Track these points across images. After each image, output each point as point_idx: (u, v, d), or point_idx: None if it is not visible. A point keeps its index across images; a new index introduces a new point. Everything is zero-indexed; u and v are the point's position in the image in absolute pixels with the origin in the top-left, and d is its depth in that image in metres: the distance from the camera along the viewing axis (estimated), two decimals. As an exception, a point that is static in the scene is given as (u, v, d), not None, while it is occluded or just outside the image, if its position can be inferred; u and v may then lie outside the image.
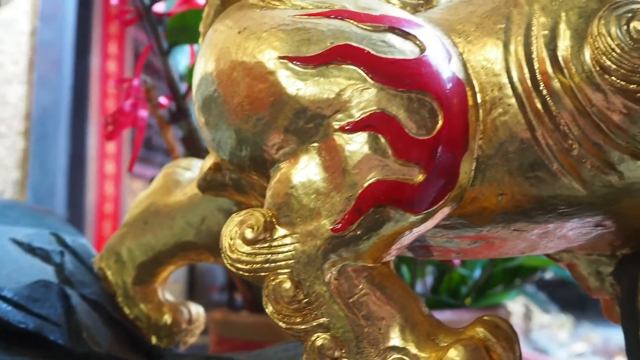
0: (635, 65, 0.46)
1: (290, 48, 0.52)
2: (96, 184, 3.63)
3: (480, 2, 0.55)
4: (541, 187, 0.51)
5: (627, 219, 0.53)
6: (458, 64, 0.52)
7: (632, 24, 0.46)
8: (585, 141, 0.48)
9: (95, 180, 3.63)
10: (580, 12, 0.49)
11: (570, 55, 0.48)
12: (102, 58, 3.66)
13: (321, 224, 0.49)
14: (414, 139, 0.48)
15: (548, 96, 0.49)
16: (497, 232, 0.55)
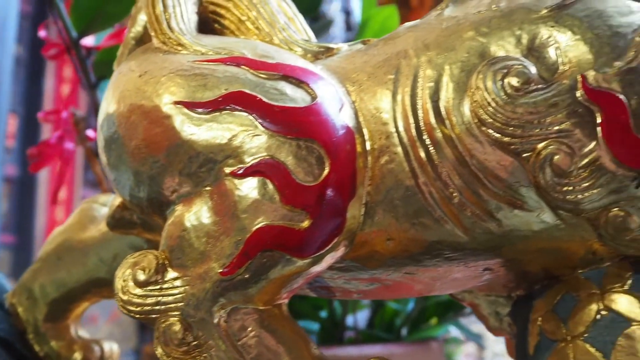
0: (508, 118, 0.48)
1: (186, 93, 0.53)
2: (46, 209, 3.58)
3: (375, 53, 0.57)
4: (426, 233, 0.52)
5: (513, 263, 0.55)
6: (349, 112, 0.53)
7: (506, 79, 0.49)
8: (465, 190, 0.50)
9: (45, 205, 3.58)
10: (462, 66, 0.51)
11: (451, 107, 0.50)
12: (57, 81, 3.64)
13: (211, 267, 0.50)
14: (301, 185, 0.50)
15: (431, 146, 0.51)
16: (389, 275, 0.57)
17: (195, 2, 0.64)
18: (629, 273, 0.53)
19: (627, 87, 0.47)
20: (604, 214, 0.49)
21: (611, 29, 0.49)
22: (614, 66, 0.48)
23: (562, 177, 0.48)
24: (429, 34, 0.55)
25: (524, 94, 0.48)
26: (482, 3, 0.55)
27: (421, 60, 0.53)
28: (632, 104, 0.47)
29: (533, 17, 0.51)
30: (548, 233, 0.51)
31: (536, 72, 0.49)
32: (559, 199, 0.48)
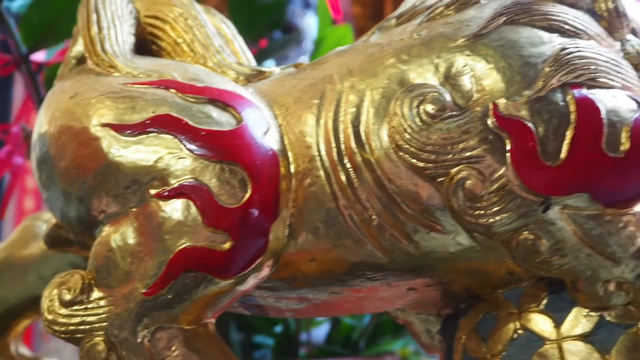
0: (423, 144, 0.50)
1: (114, 116, 0.54)
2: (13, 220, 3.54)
3: (303, 77, 0.58)
4: (348, 254, 0.54)
5: (435, 284, 0.57)
6: (275, 136, 0.55)
7: (422, 106, 0.51)
8: (383, 213, 0.52)
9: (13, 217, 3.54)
10: (383, 92, 0.53)
11: (371, 132, 0.52)
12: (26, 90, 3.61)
13: (135, 288, 0.51)
14: (223, 208, 0.51)
15: (351, 170, 0.52)
16: (316, 294, 0.58)
17: (133, 23, 0.65)
18: (545, 293, 0.55)
19: (536, 115, 0.49)
20: (515, 237, 0.50)
21: (522, 59, 0.51)
22: (524, 95, 0.49)
23: (474, 201, 0.49)
24: (353, 60, 0.56)
25: (438, 121, 0.50)
26: (405, 31, 0.57)
27: (344, 85, 0.54)
28: (540, 132, 0.48)
29: (450, 46, 0.53)
30: (465, 255, 0.53)
31: (451, 100, 0.51)
32: (471, 222, 0.50)
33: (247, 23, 1.68)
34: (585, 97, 0.49)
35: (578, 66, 0.50)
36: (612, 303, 0.51)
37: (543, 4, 0.54)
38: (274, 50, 1.70)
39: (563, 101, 0.49)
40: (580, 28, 0.53)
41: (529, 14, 0.53)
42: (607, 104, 0.49)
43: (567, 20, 0.52)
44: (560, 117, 0.48)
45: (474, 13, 0.55)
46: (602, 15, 0.55)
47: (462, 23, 0.54)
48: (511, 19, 0.53)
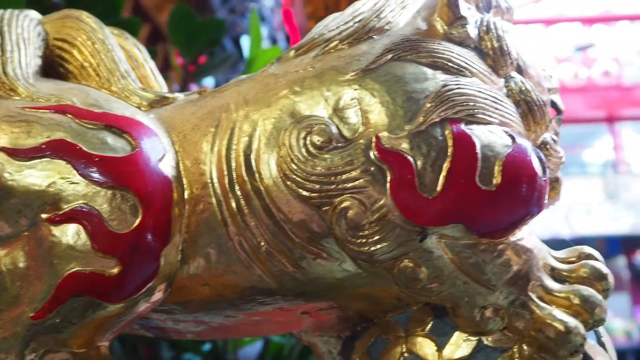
0: (308, 174, 0.52)
1: (9, 140, 0.54)
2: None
3: (203, 104, 0.60)
4: (238, 280, 0.55)
5: (328, 308, 0.59)
6: (171, 162, 0.56)
7: (309, 137, 0.52)
8: (272, 240, 0.53)
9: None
10: (275, 122, 0.55)
11: (261, 161, 0.54)
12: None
13: (23, 311, 0.51)
14: (113, 233, 0.52)
15: (241, 197, 0.54)
16: (211, 317, 0.59)
17: (40, 45, 0.65)
18: (430, 317, 0.57)
19: (415, 149, 0.51)
20: (396, 265, 0.52)
21: (406, 94, 0.53)
22: (405, 129, 0.52)
23: (356, 230, 0.51)
24: (250, 89, 0.58)
25: (324, 152, 0.52)
26: (302, 63, 0.59)
27: (239, 114, 0.56)
28: (419, 165, 0.51)
29: (340, 80, 0.55)
30: (352, 281, 0.55)
31: (337, 132, 0.53)
32: (354, 250, 0.52)
33: (187, 40, 1.69)
34: (462, 132, 0.51)
35: (457, 102, 0.52)
36: (489, 328, 0.53)
37: (430, 42, 0.56)
38: (213, 68, 1.71)
39: (441, 136, 0.51)
40: (464, 65, 0.55)
41: (415, 51, 0.55)
42: (483, 139, 0.52)
43: (451, 58, 0.55)
44: (438, 150, 0.51)
45: (366, 48, 0.57)
46: (488, 53, 0.58)
47: (354, 57, 0.57)
48: (398, 56, 0.55)
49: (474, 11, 0.61)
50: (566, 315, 0.52)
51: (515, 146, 0.52)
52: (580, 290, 0.53)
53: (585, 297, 0.53)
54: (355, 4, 0.64)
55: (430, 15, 0.59)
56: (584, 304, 0.53)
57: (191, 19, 1.71)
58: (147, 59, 0.71)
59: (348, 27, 0.60)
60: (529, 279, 0.53)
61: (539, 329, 0.52)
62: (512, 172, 0.51)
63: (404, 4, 0.62)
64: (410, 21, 0.60)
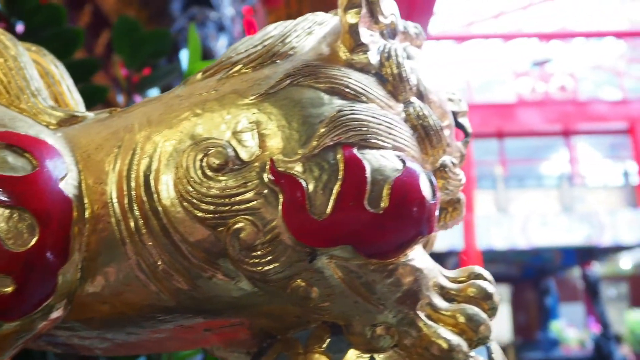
0: (203, 195, 0.53)
1: None
2: None
3: (109, 124, 0.61)
4: (137, 298, 0.56)
5: (229, 325, 0.60)
6: (72, 181, 0.57)
7: (206, 159, 0.54)
8: (169, 259, 0.54)
9: None
10: (175, 144, 0.56)
11: (160, 182, 0.55)
12: None
13: None
14: (7, 252, 0.52)
15: (140, 217, 0.55)
16: (114, 335, 0.60)
17: (-48, 63, 0.66)
18: (328, 335, 0.59)
19: (307, 172, 0.53)
20: (289, 284, 0.54)
21: (302, 119, 0.55)
22: (299, 153, 0.53)
23: (249, 250, 0.53)
24: (154, 110, 0.59)
25: (220, 174, 0.54)
26: (207, 85, 0.60)
27: (142, 135, 0.57)
28: (310, 188, 0.52)
29: (240, 103, 0.57)
30: (249, 299, 0.56)
31: (234, 154, 0.54)
32: (248, 270, 0.53)
33: (131, 51, 1.69)
34: (353, 156, 0.53)
35: (351, 127, 0.54)
36: (380, 345, 0.55)
37: (330, 68, 0.58)
38: (157, 79, 1.71)
39: (333, 159, 0.53)
40: (360, 92, 0.57)
41: (314, 77, 0.57)
42: (373, 163, 0.54)
43: (348, 84, 0.57)
44: (330, 174, 0.53)
45: (268, 72, 0.59)
46: (388, 79, 0.60)
47: (255, 82, 0.58)
48: (297, 81, 0.57)
49: (378, 38, 0.63)
50: (450, 334, 0.54)
51: (405, 170, 0.54)
52: (466, 309, 0.55)
53: (470, 315, 0.55)
54: (267, 28, 0.66)
55: (334, 41, 0.61)
56: (469, 323, 0.55)
57: (136, 30, 1.72)
58: (64, 76, 0.72)
59: (254, 51, 0.62)
60: (418, 298, 0.55)
61: (425, 347, 0.54)
62: (400, 195, 0.53)
63: (311, 29, 0.64)
64: (314, 46, 0.62)
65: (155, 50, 1.75)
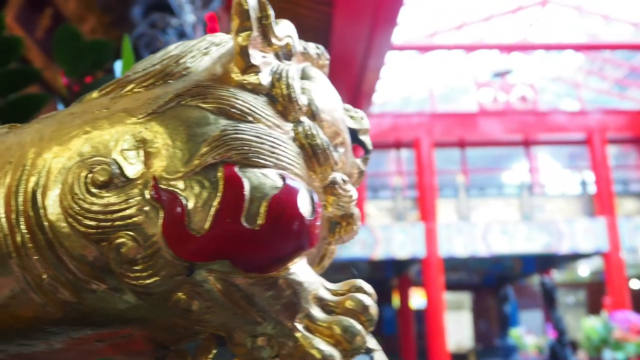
0: (86, 211, 0.55)
1: None
2: None
3: (4, 140, 0.62)
4: (24, 310, 0.57)
5: (119, 336, 0.62)
6: None
7: (91, 175, 0.56)
8: (54, 273, 0.56)
9: None
10: (64, 161, 0.58)
11: (47, 198, 0.56)
12: None
13: None
14: None
15: (26, 232, 0.56)
16: (6, 347, 0.61)
17: None
18: (214, 345, 0.61)
19: (189, 190, 0.55)
20: (171, 297, 0.56)
21: (187, 137, 0.57)
22: (181, 170, 0.56)
23: (130, 264, 0.55)
24: (48, 127, 0.61)
25: (104, 191, 0.55)
26: (100, 103, 0.62)
27: (33, 151, 0.59)
28: (190, 204, 0.55)
29: (128, 122, 0.58)
30: (134, 311, 0.58)
31: (119, 171, 0.56)
32: (130, 283, 0.55)
33: (71, 60, 1.69)
34: (233, 174, 0.56)
35: (233, 147, 0.57)
36: (261, 356, 0.57)
37: (219, 89, 0.61)
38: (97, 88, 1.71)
39: (214, 177, 0.55)
40: (247, 111, 0.60)
41: (202, 97, 0.60)
42: (253, 181, 0.56)
43: (234, 104, 0.60)
44: (210, 191, 0.55)
45: (159, 92, 0.61)
46: (278, 100, 0.63)
47: (146, 101, 0.60)
48: (185, 101, 0.59)
49: (272, 59, 0.66)
50: (324, 344, 0.57)
51: (284, 188, 0.57)
52: (342, 320, 0.58)
53: (346, 327, 0.58)
54: (168, 48, 0.68)
55: (228, 62, 0.64)
56: (344, 334, 0.57)
57: (76, 40, 1.72)
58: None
59: (150, 71, 0.64)
60: (297, 310, 0.58)
61: (301, 357, 0.56)
62: (276, 213, 0.56)
63: (207, 50, 0.66)
64: (208, 67, 0.64)
65: (96, 59, 1.76)
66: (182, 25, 3.90)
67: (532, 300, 16.51)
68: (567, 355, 7.85)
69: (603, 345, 8.91)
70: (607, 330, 8.83)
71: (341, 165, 0.69)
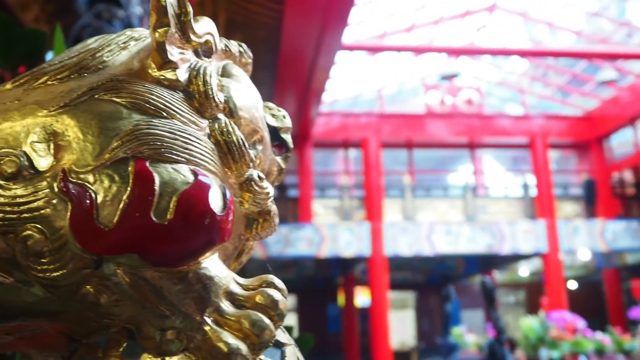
0: None
1: None
2: None
3: None
4: None
5: (29, 329, 0.61)
6: None
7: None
8: None
9: None
10: None
11: None
12: None
13: None
14: None
15: None
16: None
17: None
18: (125, 339, 0.61)
19: (98, 183, 0.55)
20: (79, 290, 0.56)
21: (98, 131, 0.57)
22: (92, 164, 0.56)
23: (37, 257, 0.55)
24: None
25: (11, 182, 0.55)
26: (13, 95, 0.62)
27: None
28: (99, 198, 0.55)
29: (39, 114, 0.58)
30: (43, 304, 0.58)
31: (28, 164, 0.56)
32: (37, 276, 0.55)
33: (3, 50, 1.65)
34: (144, 169, 0.56)
35: (145, 142, 0.57)
36: (169, 349, 0.58)
37: (134, 84, 0.61)
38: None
39: (125, 172, 0.56)
40: (161, 107, 0.60)
41: (116, 91, 0.60)
42: (164, 177, 0.57)
43: (149, 100, 0.60)
44: (119, 185, 0.55)
45: (73, 85, 0.61)
46: (195, 96, 0.64)
47: (59, 94, 0.60)
48: (99, 95, 0.59)
49: (191, 56, 0.66)
50: (232, 338, 0.58)
51: (195, 184, 0.57)
52: (250, 315, 0.59)
53: (254, 321, 0.59)
54: (87, 41, 0.68)
55: (145, 57, 0.64)
56: (252, 328, 0.58)
57: (9, 28, 1.68)
58: None
59: (66, 64, 0.64)
60: (207, 305, 0.59)
61: (209, 350, 0.57)
62: (185, 208, 0.56)
63: (126, 44, 0.67)
64: (126, 61, 0.64)
65: (30, 49, 1.72)
66: (128, 17, 3.83)
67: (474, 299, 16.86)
68: (504, 353, 8.05)
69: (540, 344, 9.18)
70: (544, 329, 9.11)
71: (259, 162, 0.70)
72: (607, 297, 15.67)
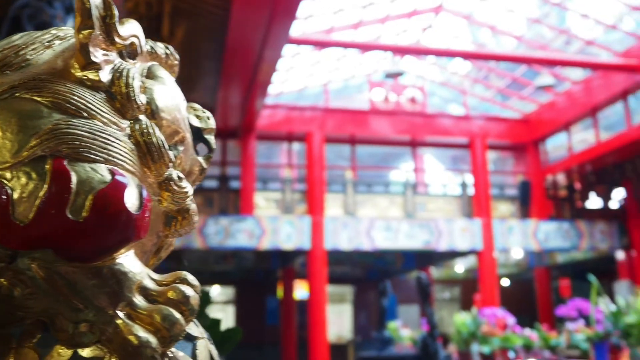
0: None
1: None
2: None
3: None
4: None
5: None
6: None
7: None
8: None
9: None
10: None
11: None
12: None
13: None
14: None
15: None
16: None
17: None
18: (39, 331, 0.63)
19: (15, 180, 0.57)
20: None
21: (18, 129, 0.59)
22: (9, 161, 0.57)
23: None
24: None
25: None
26: None
27: None
28: (16, 195, 0.57)
29: None
30: None
31: None
32: None
33: None
34: (61, 167, 0.58)
35: (63, 141, 0.59)
36: (82, 341, 0.60)
37: (56, 83, 0.63)
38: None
39: (42, 170, 0.58)
40: (82, 107, 0.62)
41: (37, 90, 0.61)
42: (81, 175, 0.59)
43: (70, 100, 0.62)
44: (36, 183, 0.57)
45: None
46: (117, 97, 0.66)
47: None
48: (20, 93, 0.61)
49: (115, 57, 0.68)
50: (143, 331, 0.60)
51: (111, 183, 0.60)
52: (162, 309, 0.62)
53: (165, 315, 0.62)
54: (12, 37, 0.69)
55: (69, 57, 0.66)
56: (163, 322, 0.61)
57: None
58: None
59: None
60: (120, 299, 0.61)
61: (120, 343, 0.60)
62: (101, 206, 0.59)
63: (51, 43, 0.68)
64: (49, 60, 0.66)
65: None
66: (71, 0, 3.77)
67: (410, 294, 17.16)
68: (437, 347, 8.24)
69: (471, 339, 9.43)
70: (476, 325, 9.36)
71: (179, 162, 0.73)
72: (537, 294, 16.22)
